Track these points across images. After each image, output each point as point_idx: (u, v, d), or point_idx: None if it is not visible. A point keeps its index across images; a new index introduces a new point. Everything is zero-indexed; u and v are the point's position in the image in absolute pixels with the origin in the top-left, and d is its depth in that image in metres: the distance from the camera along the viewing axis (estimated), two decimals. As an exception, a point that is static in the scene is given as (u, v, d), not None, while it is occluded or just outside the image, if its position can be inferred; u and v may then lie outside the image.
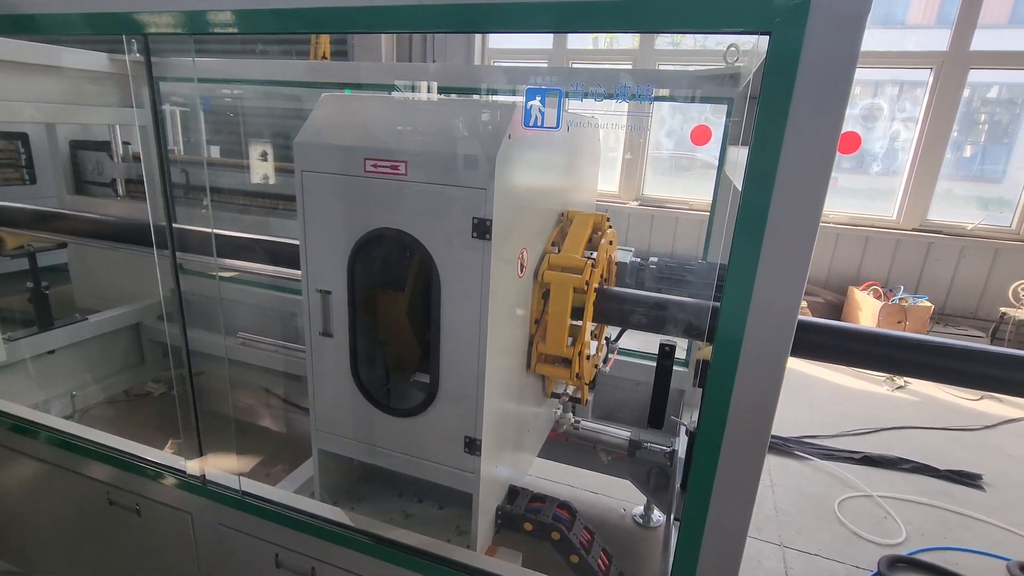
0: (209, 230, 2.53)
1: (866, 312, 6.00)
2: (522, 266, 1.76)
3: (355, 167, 1.56)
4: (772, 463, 3.82)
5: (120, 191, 4.90)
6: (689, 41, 7.19)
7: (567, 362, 2.01)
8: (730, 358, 1.15)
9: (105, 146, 4.89)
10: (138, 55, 3.58)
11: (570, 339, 1.99)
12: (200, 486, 1.88)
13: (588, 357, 2.04)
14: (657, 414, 1.65)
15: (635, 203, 6.95)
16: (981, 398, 4.99)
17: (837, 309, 6.48)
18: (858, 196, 6.89)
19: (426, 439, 1.75)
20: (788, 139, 0.99)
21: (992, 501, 3.53)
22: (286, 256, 2.48)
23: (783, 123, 0.99)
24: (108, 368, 3.94)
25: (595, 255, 2.01)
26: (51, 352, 3.45)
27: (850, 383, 5.15)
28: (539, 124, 1.38)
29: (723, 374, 1.17)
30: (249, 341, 3.81)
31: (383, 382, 1.80)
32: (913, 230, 6.38)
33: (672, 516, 2.15)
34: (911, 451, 4.00)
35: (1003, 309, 5.96)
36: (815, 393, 4.92)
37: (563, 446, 2.90)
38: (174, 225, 2.03)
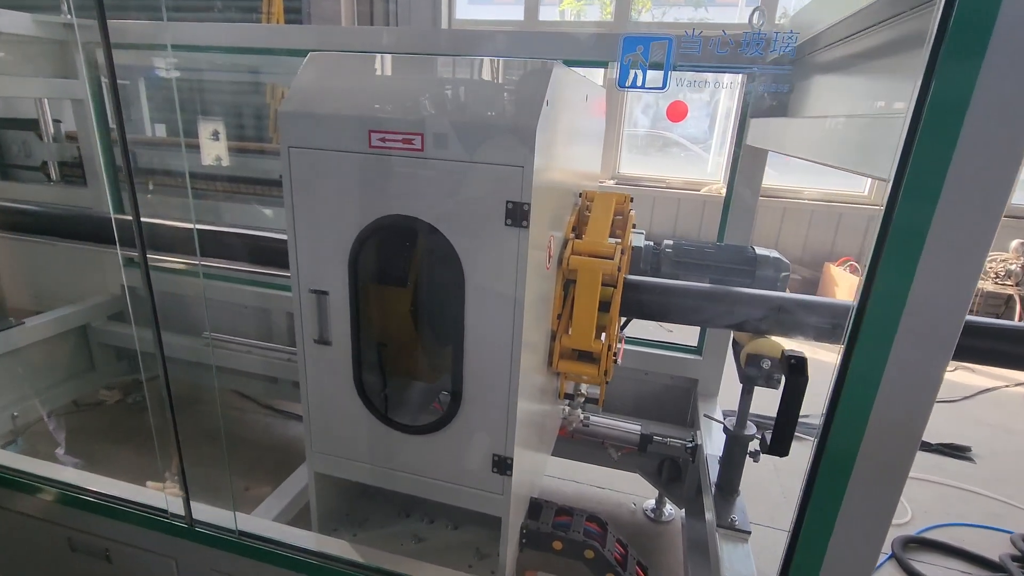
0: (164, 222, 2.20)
1: (843, 288, 6.04)
2: (549, 256, 1.54)
3: (358, 142, 1.28)
4: (770, 445, 3.77)
5: (53, 175, 4.39)
6: (653, 14, 7.01)
7: (590, 357, 1.81)
8: (874, 367, 0.98)
9: (32, 124, 4.35)
10: (68, 16, 3.11)
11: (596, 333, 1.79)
12: (186, 528, 1.60)
13: (615, 354, 1.85)
14: (784, 439, 1.46)
15: (611, 181, 6.78)
16: (955, 369, 5.09)
17: (813, 285, 6.52)
18: (830, 173, 6.91)
19: (447, 459, 1.52)
20: (975, 106, 0.80)
21: (983, 473, 3.56)
22: (254, 250, 2.19)
23: (970, 88, 0.79)
24: (53, 377, 3.52)
25: (621, 241, 1.81)
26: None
27: (834, 360, 5.16)
28: (639, 84, 1.14)
29: (863, 385, 1.00)
30: (215, 341, 3.46)
31: (394, 396, 1.55)
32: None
33: (716, 522, 1.99)
34: (900, 426, 4.01)
35: (969, 280, 6.11)
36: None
37: (566, 441, 2.72)
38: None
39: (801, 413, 1.60)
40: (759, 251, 2.15)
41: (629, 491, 3.22)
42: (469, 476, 1.50)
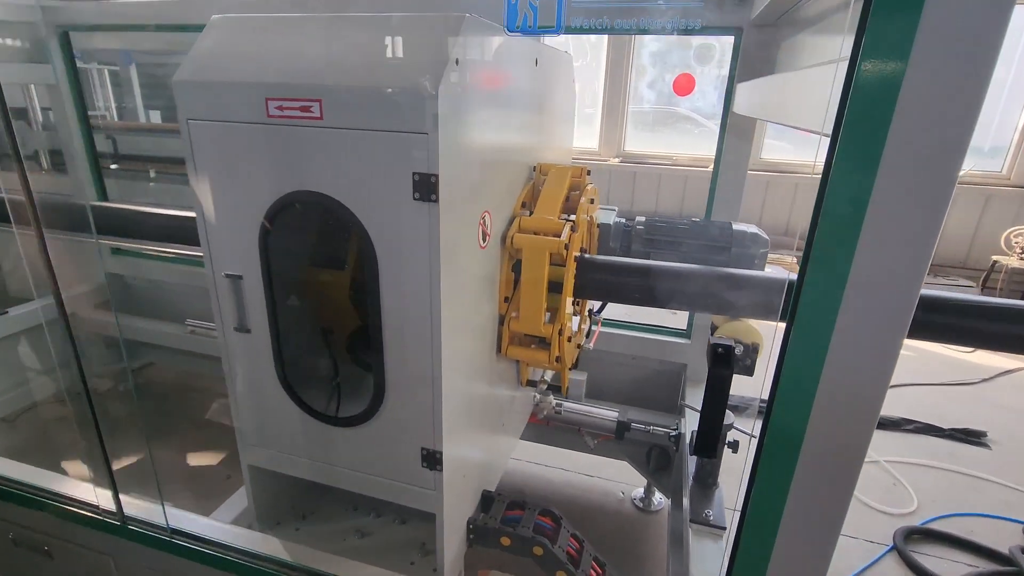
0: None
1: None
2: (484, 234, 1.41)
3: (255, 111, 1.18)
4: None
5: (44, 164, 4.39)
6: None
7: (545, 343, 1.70)
8: (817, 345, 0.89)
9: (22, 113, 4.35)
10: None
11: (549, 316, 1.67)
12: (119, 525, 1.54)
13: (569, 338, 1.73)
14: (708, 441, 1.32)
15: (616, 160, 6.58)
16: (974, 350, 4.83)
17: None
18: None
19: (375, 452, 1.43)
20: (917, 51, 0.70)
21: (998, 460, 3.36)
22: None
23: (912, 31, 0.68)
24: (42, 365, 3.53)
25: (574, 216, 1.68)
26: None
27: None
28: (530, 26, 1.01)
29: (806, 366, 0.91)
30: (200, 329, 3.43)
31: (319, 384, 1.46)
32: (904, 178, 6.12)
33: (690, 516, 1.88)
34: (912, 410, 3.81)
35: (995, 257, 5.78)
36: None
37: (550, 428, 2.63)
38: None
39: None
40: (736, 227, 2.00)
41: (618, 479, 3.11)
42: (399, 471, 1.41)
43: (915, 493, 3.01)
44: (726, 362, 1.25)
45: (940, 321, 1.22)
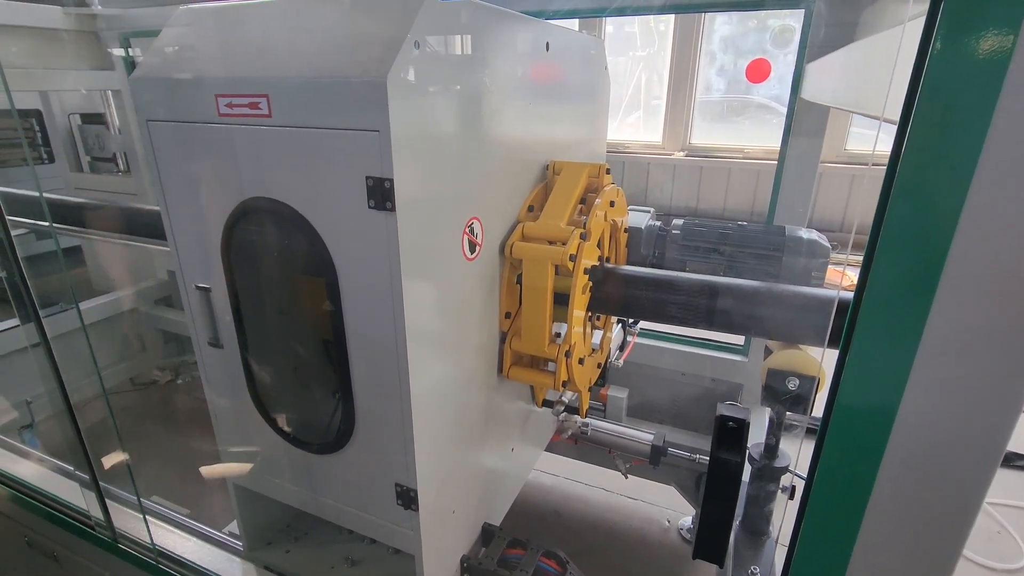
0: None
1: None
2: (472, 243, 1.24)
3: (206, 109, 1.07)
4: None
5: (121, 166, 4.67)
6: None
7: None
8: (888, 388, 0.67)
9: (101, 118, 4.64)
10: (100, 7, 3.17)
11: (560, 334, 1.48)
12: (111, 542, 1.52)
13: (582, 359, 1.52)
14: (711, 544, 1.05)
15: (681, 153, 6.16)
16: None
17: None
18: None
19: (350, 484, 1.30)
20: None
21: None
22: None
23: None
24: (108, 357, 3.74)
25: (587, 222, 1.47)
26: (36, 345, 3.24)
27: None
28: None
29: (871, 415, 0.70)
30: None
31: (293, 406, 1.35)
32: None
33: (731, 572, 1.62)
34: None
35: None
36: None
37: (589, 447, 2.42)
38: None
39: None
40: (791, 232, 1.71)
41: (664, 505, 2.85)
42: (374, 506, 1.27)
43: (1024, 544, 2.54)
44: (735, 442, 0.97)
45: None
